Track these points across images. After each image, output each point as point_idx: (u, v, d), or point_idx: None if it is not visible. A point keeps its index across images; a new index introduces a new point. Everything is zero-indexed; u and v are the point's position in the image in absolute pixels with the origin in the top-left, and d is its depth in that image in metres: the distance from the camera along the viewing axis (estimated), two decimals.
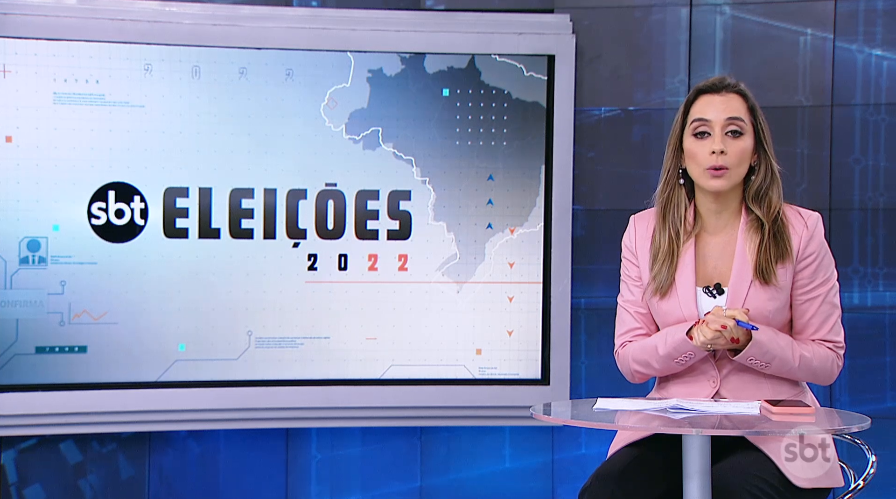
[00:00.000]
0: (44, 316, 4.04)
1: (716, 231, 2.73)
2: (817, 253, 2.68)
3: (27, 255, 4.02)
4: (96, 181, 4.06)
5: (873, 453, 2.74)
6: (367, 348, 4.23)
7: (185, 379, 4.13)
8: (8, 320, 4.01)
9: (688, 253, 2.70)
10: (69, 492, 4.24)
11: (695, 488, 2.38)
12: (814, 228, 2.70)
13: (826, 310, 2.67)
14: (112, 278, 4.08)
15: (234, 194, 4.14)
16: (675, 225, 2.71)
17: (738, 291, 2.65)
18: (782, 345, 2.60)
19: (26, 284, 4.02)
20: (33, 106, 4.00)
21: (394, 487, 4.39)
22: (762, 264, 2.64)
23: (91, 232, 4.06)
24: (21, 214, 4.01)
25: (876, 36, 4.21)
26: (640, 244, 2.77)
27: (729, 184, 2.67)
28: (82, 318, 4.05)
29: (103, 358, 4.08)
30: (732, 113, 2.67)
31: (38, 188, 4.01)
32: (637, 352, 2.75)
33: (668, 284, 2.69)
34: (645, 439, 2.66)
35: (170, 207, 4.11)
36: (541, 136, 4.25)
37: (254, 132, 4.15)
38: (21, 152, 4.00)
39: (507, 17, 4.26)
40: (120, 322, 4.09)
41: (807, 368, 2.63)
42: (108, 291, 4.08)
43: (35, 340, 4.03)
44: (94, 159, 4.05)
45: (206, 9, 4.13)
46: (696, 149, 2.67)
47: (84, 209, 4.05)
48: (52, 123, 4.02)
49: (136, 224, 4.09)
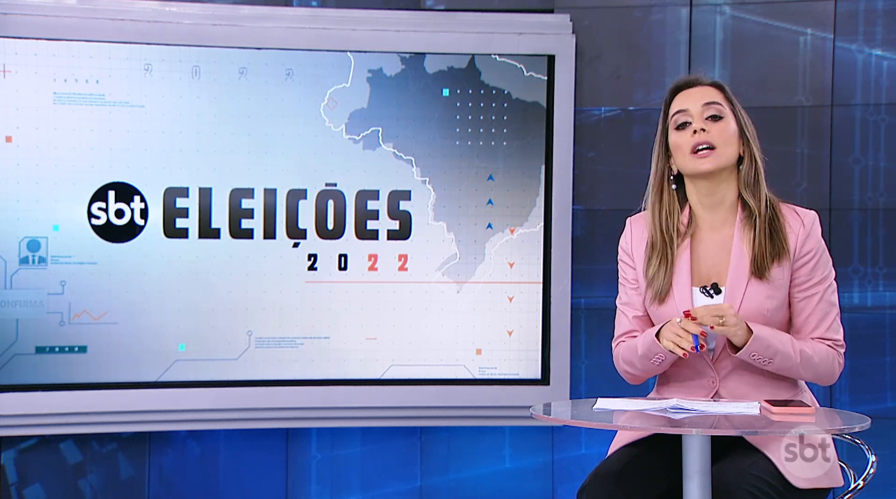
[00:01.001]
0: (44, 316, 4.04)
1: (712, 228, 2.71)
2: (815, 251, 2.67)
3: (27, 255, 4.02)
4: (96, 181, 4.05)
5: (873, 453, 2.74)
6: (367, 348, 4.23)
7: (185, 379, 4.13)
8: (8, 320, 4.00)
9: (684, 254, 2.68)
10: (69, 492, 4.24)
11: (695, 488, 2.38)
12: (810, 226, 2.69)
13: (824, 308, 2.67)
14: (112, 278, 4.08)
15: (234, 194, 4.14)
16: (669, 230, 2.69)
17: (736, 289, 2.64)
18: (783, 339, 2.60)
19: (26, 284, 4.02)
20: (33, 106, 4.00)
21: (394, 487, 4.39)
22: (758, 260, 2.63)
23: (91, 232, 4.06)
24: (21, 214, 4.01)
25: (876, 36, 4.21)
26: (636, 246, 2.75)
27: (716, 164, 2.65)
28: (82, 318, 4.05)
29: (103, 358, 4.08)
30: (709, 98, 2.70)
31: (37, 188, 4.01)
32: (625, 351, 2.75)
33: (667, 288, 2.67)
34: (644, 439, 2.65)
35: (169, 207, 4.11)
36: (541, 136, 4.25)
37: (254, 132, 4.15)
38: (21, 152, 4.00)
39: (507, 17, 4.26)
40: (120, 322, 4.09)
41: (809, 364, 2.62)
42: (108, 291, 4.08)
43: (35, 340, 4.03)
44: (93, 159, 4.05)
45: (206, 9, 4.13)
46: (679, 139, 2.68)
47: (84, 209, 4.05)
48: (52, 123, 4.02)
49: (136, 224, 4.09)
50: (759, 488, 2.47)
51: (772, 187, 2.76)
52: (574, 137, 4.25)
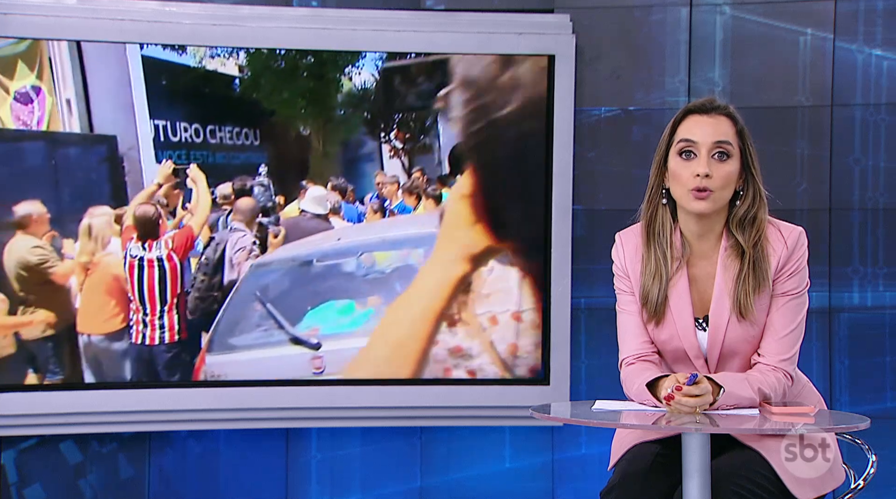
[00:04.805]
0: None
1: (701, 256, 2.68)
2: (792, 269, 2.62)
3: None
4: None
5: (873, 453, 2.74)
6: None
7: (185, 379, 4.14)
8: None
9: (681, 281, 2.65)
10: (69, 492, 4.24)
11: (694, 487, 2.39)
12: (793, 246, 2.64)
13: (787, 315, 2.62)
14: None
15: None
16: (662, 246, 2.66)
17: (718, 326, 2.62)
18: (745, 387, 2.55)
19: None
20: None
21: (394, 487, 4.39)
22: (741, 300, 2.59)
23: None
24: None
25: (876, 36, 4.21)
26: (630, 265, 2.71)
27: (712, 207, 2.61)
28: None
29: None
30: (720, 136, 2.61)
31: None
32: (625, 382, 2.69)
33: (662, 308, 2.65)
34: (657, 439, 2.63)
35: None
36: (541, 136, 4.25)
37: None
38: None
39: (507, 17, 4.25)
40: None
41: (764, 397, 2.61)
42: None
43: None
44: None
45: (206, 9, 4.13)
46: (680, 170, 2.62)
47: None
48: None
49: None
50: (746, 488, 2.46)
51: (770, 189, 2.74)
52: (574, 137, 4.25)
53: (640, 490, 2.52)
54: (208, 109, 4.14)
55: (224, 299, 4.17)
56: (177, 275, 4.14)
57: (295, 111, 4.17)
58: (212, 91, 4.11)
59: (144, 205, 4.08)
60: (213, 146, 4.11)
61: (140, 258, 4.10)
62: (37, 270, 4.03)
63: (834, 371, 4.22)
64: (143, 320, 4.12)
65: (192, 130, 4.09)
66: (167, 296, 4.13)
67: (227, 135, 4.12)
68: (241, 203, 4.16)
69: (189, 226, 4.12)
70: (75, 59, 4.00)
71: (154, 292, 4.12)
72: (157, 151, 4.06)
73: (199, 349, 4.16)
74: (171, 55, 4.06)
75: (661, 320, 2.65)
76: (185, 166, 4.08)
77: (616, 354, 2.73)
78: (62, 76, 3.97)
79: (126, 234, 4.10)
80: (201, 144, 4.09)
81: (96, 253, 4.07)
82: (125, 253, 4.10)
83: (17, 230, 4.01)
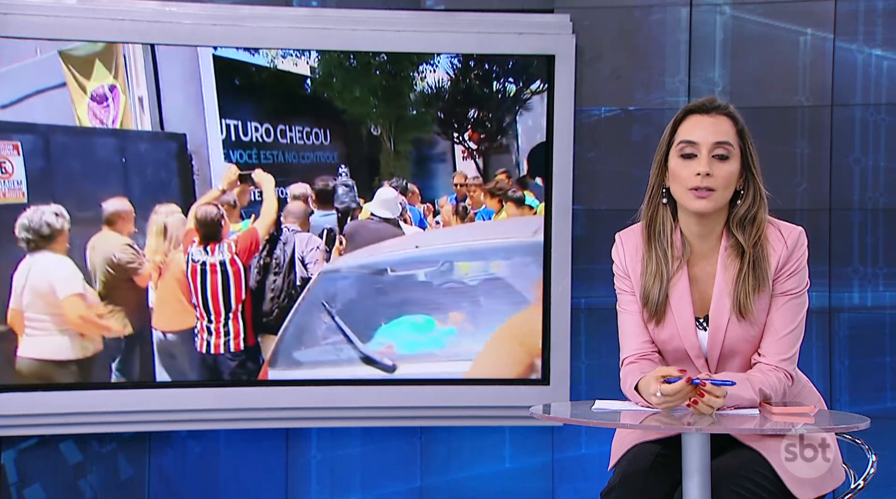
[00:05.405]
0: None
1: (702, 256, 2.68)
2: (792, 268, 2.63)
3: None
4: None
5: (873, 453, 2.74)
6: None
7: (185, 379, 4.14)
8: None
9: (682, 280, 2.65)
10: (69, 492, 4.24)
11: (694, 486, 2.39)
12: (793, 246, 2.64)
13: (787, 315, 2.62)
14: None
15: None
16: (662, 245, 2.67)
17: (718, 325, 2.62)
18: (746, 387, 2.56)
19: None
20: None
21: (394, 487, 4.39)
22: (740, 300, 2.59)
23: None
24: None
25: (876, 36, 4.21)
26: (630, 265, 2.71)
27: (713, 206, 2.61)
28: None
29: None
30: (721, 137, 2.61)
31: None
32: (626, 376, 2.69)
33: (663, 308, 2.65)
34: (657, 438, 2.63)
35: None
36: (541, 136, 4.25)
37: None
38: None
39: (507, 17, 4.25)
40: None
41: (764, 397, 2.61)
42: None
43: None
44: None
45: (205, 9, 4.13)
46: (680, 170, 2.62)
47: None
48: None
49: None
50: (746, 488, 2.46)
51: (770, 189, 2.74)
52: (574, 137, 4.25)
53: (640, 490, 2.53)
54: (279, 109, 4.12)
55: (293, 305, 4.11)
56: (241, 279, 4.07)
57: (367, 110, 4.13)
58: (283, 91, 4.08)
59: (206, 206, 4.02)
60: (283, 146, 4.07)
61: (203, 263, 4.03)
62: (124, 268, 4.01)
63: (834, 371, 4.22)
64: (207, 328, 4.07)
65: (262, 130, 4.05)
66: (231, 302, 4.07)
67: (298, 134, 4.07)
68: (292, 206, 4.09)
69: (254, 228, 4.06)
70: (148, 58, 4.01)
71: (218, 298, 4.06)
72: (227, 151, 4.03)
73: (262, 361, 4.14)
74: (243, 55, 4.05)
75: (661, 320, 2.65)
76: (250, 172, 4.05)
77: (616, 354, 2.74)
78: (135, 75, 3.96)
79: (188, 237, 4.05)
80: (272, 143, 4.05)
81: (168, 253, 4.04)
82: (187, 258, 4.04)
83: (104, 226, 3.99)
